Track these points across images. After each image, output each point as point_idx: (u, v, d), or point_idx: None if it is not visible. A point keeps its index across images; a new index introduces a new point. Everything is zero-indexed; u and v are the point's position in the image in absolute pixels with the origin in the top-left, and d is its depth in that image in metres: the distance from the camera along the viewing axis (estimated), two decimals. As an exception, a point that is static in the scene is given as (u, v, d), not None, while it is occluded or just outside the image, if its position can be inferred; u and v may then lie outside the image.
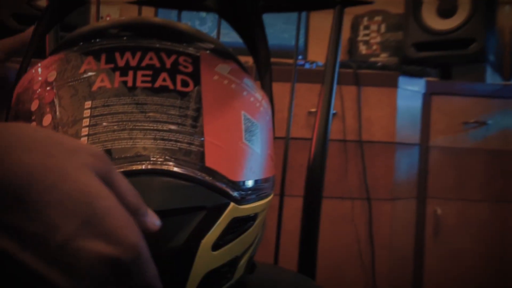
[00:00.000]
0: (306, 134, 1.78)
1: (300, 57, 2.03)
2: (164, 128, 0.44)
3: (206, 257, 0.43)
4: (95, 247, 0.29)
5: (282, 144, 0.89)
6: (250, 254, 0.51)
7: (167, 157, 0.43)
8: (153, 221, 0.36)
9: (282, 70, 1.75)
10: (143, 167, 0.42)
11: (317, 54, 2.04)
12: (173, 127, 0.44)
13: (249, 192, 0.47)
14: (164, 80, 0.46)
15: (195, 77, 0.48)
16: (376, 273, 1.74)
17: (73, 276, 0.29)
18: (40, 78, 0.47)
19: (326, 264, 1.73)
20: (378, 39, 2.13)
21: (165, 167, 0.42)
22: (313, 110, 1.72)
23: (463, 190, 1.83)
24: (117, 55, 0.47)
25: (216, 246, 0.44)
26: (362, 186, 1.74)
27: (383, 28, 2.13)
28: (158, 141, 0.43)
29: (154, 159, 0.42)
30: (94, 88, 0.45)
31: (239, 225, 0.47)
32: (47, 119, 0.44)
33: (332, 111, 0.84)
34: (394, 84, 1.75)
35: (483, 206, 1.83)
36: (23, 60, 0.50)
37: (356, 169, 1.75)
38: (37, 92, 0.46)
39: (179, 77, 0.47)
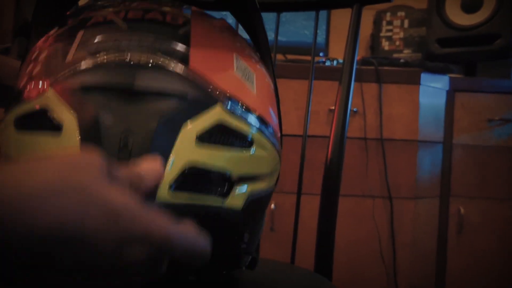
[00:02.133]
0: (327, 131, 1.77)
1: (321, 54, 2.02)
2: (151, 38, 0.47)
3: (188, 145, 0.44)
4: (135, 253, 0.33)
5: (301, 141, 0.89)
6: (251, 191, 0.49)
7: (156, 55, 0.46)
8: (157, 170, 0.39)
9: (303, 67, 1.74)
10: (136, 58, 0.46)
11: (338, 51, 2.03)
12: (161, 38, 0.47)
13: (238, 107, 0.48)
14: (154, 14, 0.50)
15: (186, 17, 0.51)
16: (397, 272, 1.72)
17: (129, 279, 0.34)
18: (43, 43, 0.51)
19: (346, 262, 1.72)
20: (401, 34, 2.11)
21: (152, 60, 0.46)
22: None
23: (487, 189, 1.80)
24: (114, 4, 0.52)
25: (200, 140, 0.45)
26: (384, 185, 1.73)
27: (406, 23, 2.10)
28: (144, 47, 0.46)
29: (145, 57, 0.45)
30: (88, 24, 0.50)
31: (228, 137, 0.47)
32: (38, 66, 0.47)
33: (349, 109, 0.83)
34: (416, 81, 1.73)
35: (507, 205, 1.80)
36: (27, 46, 0.52)
37: (377, 167, 1.73)
38: (36, 53, 0.50)
39: (169, 15, 0.51)
